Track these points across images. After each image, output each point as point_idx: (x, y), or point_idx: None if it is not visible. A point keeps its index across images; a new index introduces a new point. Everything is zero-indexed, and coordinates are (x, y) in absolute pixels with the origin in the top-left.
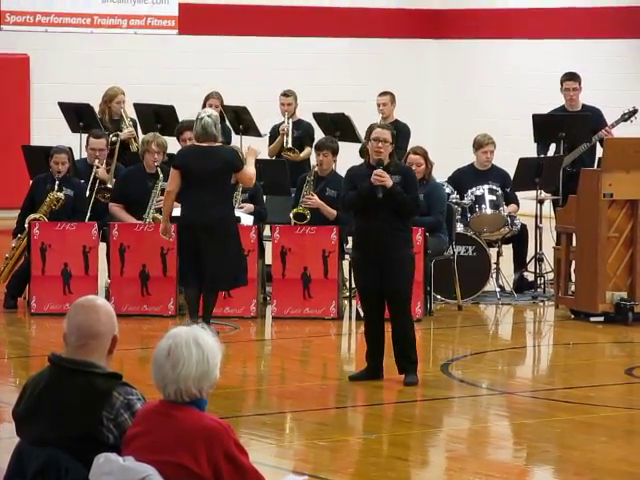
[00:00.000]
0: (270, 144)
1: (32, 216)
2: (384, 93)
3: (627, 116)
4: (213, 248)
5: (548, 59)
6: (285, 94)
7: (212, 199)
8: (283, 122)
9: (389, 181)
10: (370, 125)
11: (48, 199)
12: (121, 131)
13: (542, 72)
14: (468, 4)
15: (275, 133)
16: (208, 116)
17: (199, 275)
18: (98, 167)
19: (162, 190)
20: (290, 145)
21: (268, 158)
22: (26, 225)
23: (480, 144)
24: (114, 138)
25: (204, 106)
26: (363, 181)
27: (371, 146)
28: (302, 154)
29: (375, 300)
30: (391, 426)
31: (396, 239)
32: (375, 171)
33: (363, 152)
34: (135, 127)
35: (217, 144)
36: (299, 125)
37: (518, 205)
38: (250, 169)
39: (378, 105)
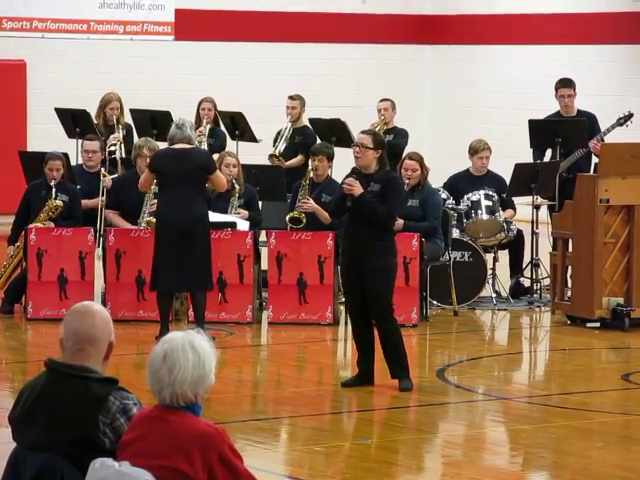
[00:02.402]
0: (274, 149)
1: (32, 225)
2: (385, 99)
3: (623, 120)
4: (190, 247)
5: (543, 64)
6: (291, 97)
7: (187, 200)
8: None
9: (357, 190)
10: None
11: (47, 207)
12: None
13: (537, 77)
14: (463, 10)
15: (277, 138)
16: (182, 120)
17: (172, 277)
18: (105, 175)
19: (155, 194)
20: (282, 149)
21: (264, 164)
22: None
23: (475, 150)
24: (112, 147)
25: (197, 111)
26: None
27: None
28: (288, 162)
29: (358, 306)
30: (387, 432)
31: (374, 247)
32: (345, 180)
33: None
34: (130, 133)
35: (191, 146)
36: (302, 132)
37: (515, 210)
38: (223, 177)
39: (379, 110)
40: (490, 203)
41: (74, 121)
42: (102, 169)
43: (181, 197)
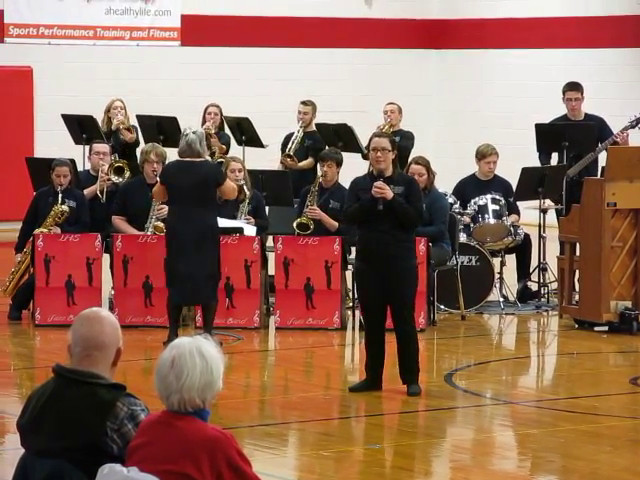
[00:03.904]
0: (282, 153)
1: (38, 231)
2: (392, 103)
3: (635, 123)
4: (197, 260)
5: (550, 69)
6: (304, 103)
7: (196, 211)
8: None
9: (389, 193)
10: (371, 135)
11: (53, 212)
12: (121, 142)
13: (544, 82)
14: (468, 14)
15: (287, 142)
16: (193, 132)
17: (183, 292)
18: (103, 165)
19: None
20: (292, 152)
21: (271, 169)
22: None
23: (483, 154)
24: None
25: (204, 116)
26: (365, 193)
27: (371, 156)
28: (301, 163)
29: (377, 311)
30: (395, 436)
31: (400, 250)
32: (375, 183)
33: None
34: (136, 134)
35: (200, 159)
36: (312, 136)
37: (519, 215)
38: (232, 184)
39: (385, 112)
40: (497, 207)
41: (81, 127)
42: (101, 168)
43: (189, 210)
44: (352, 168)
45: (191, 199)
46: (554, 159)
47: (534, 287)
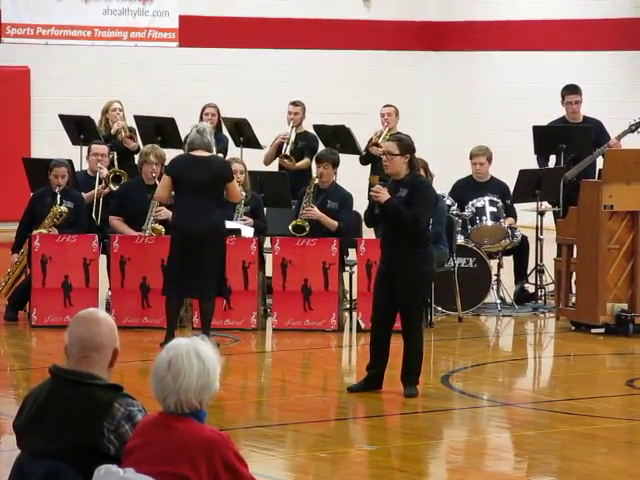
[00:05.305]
0: (268, 148)
1: (37, 231)
2: (389, 105)
3: (634, 127)
4: (205, 255)
5: (547, 71)
6: (294, 103)
7: (204, 207)
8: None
9: (383, 197)
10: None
11: (51, 213)
12: (119, 144)
13: (541, 84)
14: (467, 16)
15: (277, 141)
16: (203, 125)
17: (184, 285)
18: (101, 168)
19: None
20: (288, 153)
21: (269, 170)
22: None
23: (471, 155)
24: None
25: (201, 116)
26: None
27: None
28: (298, 163)
29: (384, 312)
30: (392, 438)
31: (406, 255)
32: (373, 187)
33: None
34: (134, 137)
35: (209, 154)
36: (305, 137)
37: (515, 218)
38: (238, 186)
39: (382, 115)
40: (495, 209)
41: (78, 128)
42: (99, 163)
43: (199, 205)
44: (350, 170)
45: (200, 194)
46: (551, 162)
47: (531, 289)
